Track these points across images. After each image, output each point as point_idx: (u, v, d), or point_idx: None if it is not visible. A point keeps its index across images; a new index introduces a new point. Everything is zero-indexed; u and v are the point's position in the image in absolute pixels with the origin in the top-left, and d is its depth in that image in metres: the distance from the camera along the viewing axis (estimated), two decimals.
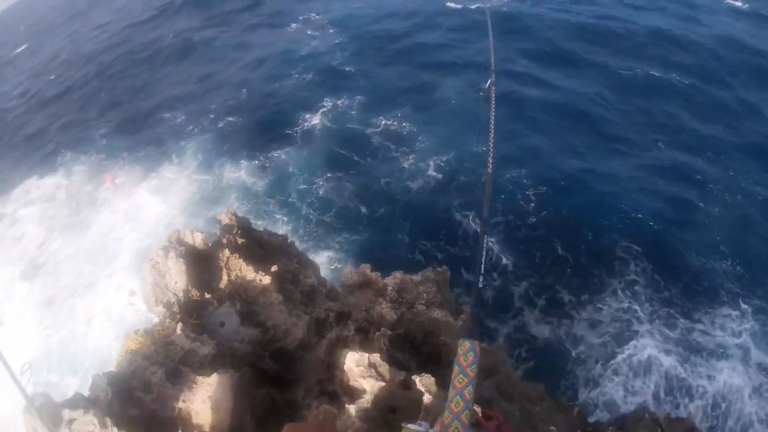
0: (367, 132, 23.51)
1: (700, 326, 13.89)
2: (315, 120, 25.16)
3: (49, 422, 4.00)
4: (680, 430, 7.07)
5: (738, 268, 15.15)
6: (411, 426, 1.74)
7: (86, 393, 4.80)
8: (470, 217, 17.92)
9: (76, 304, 18.48)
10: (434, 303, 7.33)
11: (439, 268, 8.00)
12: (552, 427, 6.26)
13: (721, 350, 13.38)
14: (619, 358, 13.45)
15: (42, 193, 25.52)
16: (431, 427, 1.74)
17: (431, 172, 20.33)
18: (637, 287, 14.97)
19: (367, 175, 21.04)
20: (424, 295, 7.53)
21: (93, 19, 58.51)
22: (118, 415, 4.41)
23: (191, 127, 27.55)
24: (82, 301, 18.51)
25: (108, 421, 4.22)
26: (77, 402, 4.42)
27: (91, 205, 23.49)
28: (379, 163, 21.58)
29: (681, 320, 14.05)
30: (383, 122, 23.87)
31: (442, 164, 20.53)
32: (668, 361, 13.16)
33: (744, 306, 14.17)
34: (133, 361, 5.23)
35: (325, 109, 25.90)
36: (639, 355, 13.36)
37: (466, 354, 1.92)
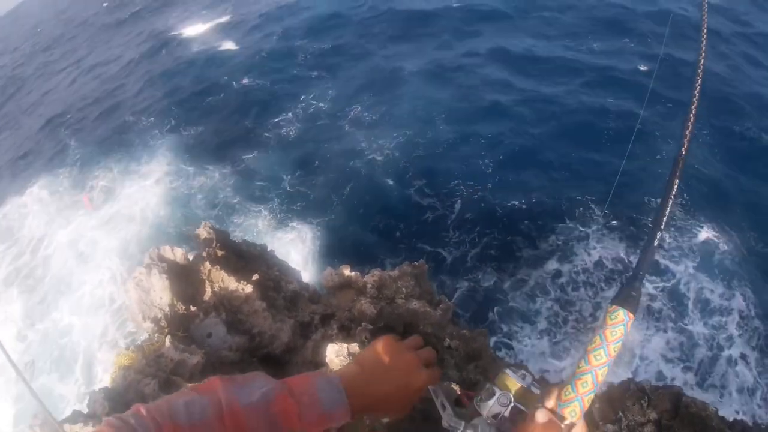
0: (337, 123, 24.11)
1: None
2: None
3: None
4: (667, 396, 7.36)
5: None
6: (511, 374, 1.46)
7: (84, 411, 5.00)
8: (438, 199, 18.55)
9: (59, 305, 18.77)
10: (413, 295, 7.62)
11: (416, 262, 8.29)
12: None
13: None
14: None
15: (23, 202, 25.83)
16: (538, 387, 1.46)
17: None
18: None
19: (336, 163, 21.74)
20: (403, 289, 7.82)
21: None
22: None
23: (157, 130, 28.08)
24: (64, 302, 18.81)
25: None
26: (76, 418, 4.62)
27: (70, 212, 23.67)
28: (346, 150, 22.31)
29: None
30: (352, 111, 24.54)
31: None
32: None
33: None
34: (127, 376, 5.42)
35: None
36: None
37: (615, 327, 1.45)
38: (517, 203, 17.75)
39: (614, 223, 16.55)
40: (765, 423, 11.01)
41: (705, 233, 15.80)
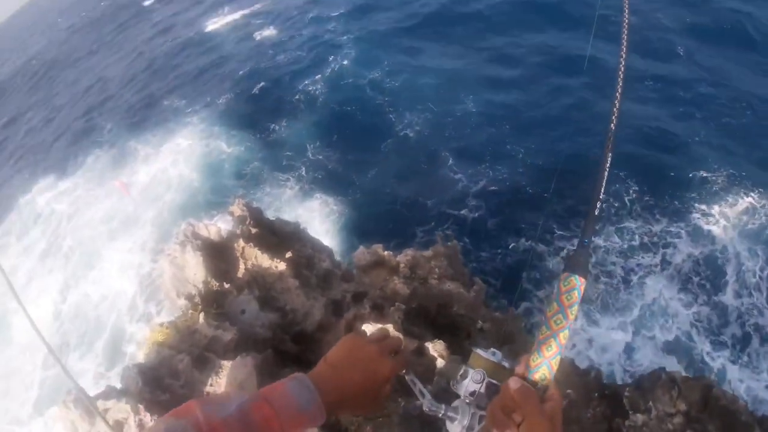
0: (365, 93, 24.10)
1: None
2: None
3: (85, 414, 4.26)
4: (698, 388, 7.14)
5: None
6: (481, 352, 1.56)
7: (117, 386, 5.07)
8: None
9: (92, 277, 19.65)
10: (446, 276, 7.50)
11: (449, 243, 8.16)
12: (569, 391, 6.40)
13: None
14: None
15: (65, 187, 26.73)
16: (505, 359, 1.57)
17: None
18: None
19: (364, 134, 21.85)
20: (436, 269, 7.71)
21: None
22: (150, 401, 4.67)
23: (191, 108, 28.60)
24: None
25: (140, 407, 4.48)
26: (110, 393, 4.69)
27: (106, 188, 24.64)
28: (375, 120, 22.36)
29: None
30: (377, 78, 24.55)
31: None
32: None
33: None
34: (160, 352, 5.48)
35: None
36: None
37: (570, 292, 1.56)
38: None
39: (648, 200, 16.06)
40: None
41: (749, 200, 15.25)
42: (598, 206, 1.69)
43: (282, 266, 7.29)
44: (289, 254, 7.60)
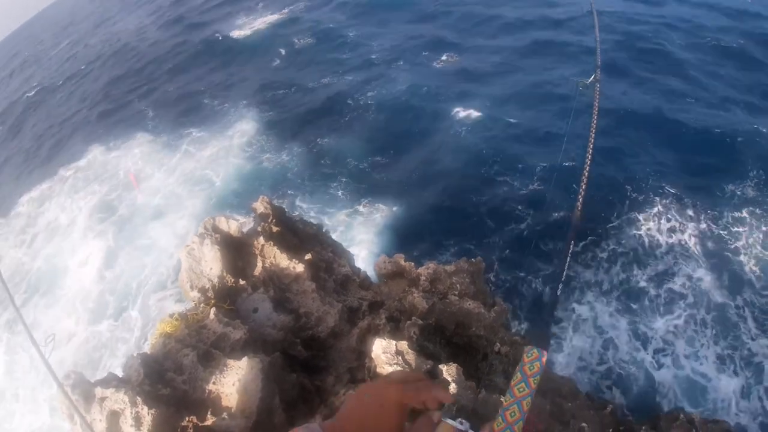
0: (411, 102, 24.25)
1: None
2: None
3: (82, 399, 4.13)
4: (716, 431, 6.80)
5: None
6: (450, 422, 1.57)
7: (120, 373, 4.95)
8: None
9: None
10: (467, 294, 7.23)
11: (473, 259, 7.89)
12: (583, 424, 6.10)
13: None
14: None
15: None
16: (475, 429, 1.59)
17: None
18: None
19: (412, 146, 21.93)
20: (458, 285, 7.44)
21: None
22: (149, 394, 4.53)
23: (234, 109, 29.35)
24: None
25: (138, 399, 4.34)
26: (109, 381, 4.56)
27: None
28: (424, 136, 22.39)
29: None
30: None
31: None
32: None
33: None
34: (167, 344, 5.35)
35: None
36: None
37: (532, 363, 1.75)
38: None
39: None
40: None
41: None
42: (561, 285, 1.95)
43: (300, 268, 7.12)
44: (308, 256, 7.43)
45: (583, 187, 2.04)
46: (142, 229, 21.87)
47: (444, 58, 28.90)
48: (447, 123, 22.77)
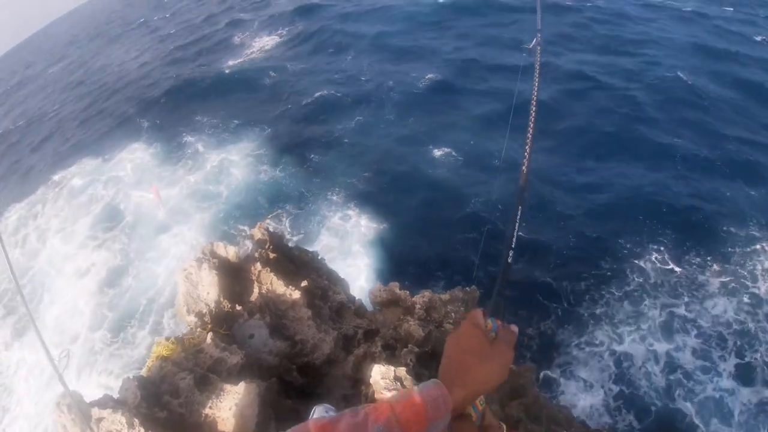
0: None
1: None
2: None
3: (79, 419, 4.10)
4: None
5: None
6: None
7: (115, 396, 4.91)
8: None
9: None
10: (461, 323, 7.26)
11: (467, 288, 7.95)
12: None
13: None
14: None
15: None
16: None
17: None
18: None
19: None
20: (452, 314, 7.49)
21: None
22: (146, 416, 4.50)
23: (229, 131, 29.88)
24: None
25: (135, 421, 4.30)
26: (106, 402, 4.53)
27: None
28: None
29: None
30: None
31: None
32: None
33: None
34: (163, 367, 5.33)
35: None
36: None
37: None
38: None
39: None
40: None
41: None
42: (511, 252, 1.98)
43: (296, 295, 7.14)
44: (304, 283, 7.45)
45: (528, 150, 2.10)
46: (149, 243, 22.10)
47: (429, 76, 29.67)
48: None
